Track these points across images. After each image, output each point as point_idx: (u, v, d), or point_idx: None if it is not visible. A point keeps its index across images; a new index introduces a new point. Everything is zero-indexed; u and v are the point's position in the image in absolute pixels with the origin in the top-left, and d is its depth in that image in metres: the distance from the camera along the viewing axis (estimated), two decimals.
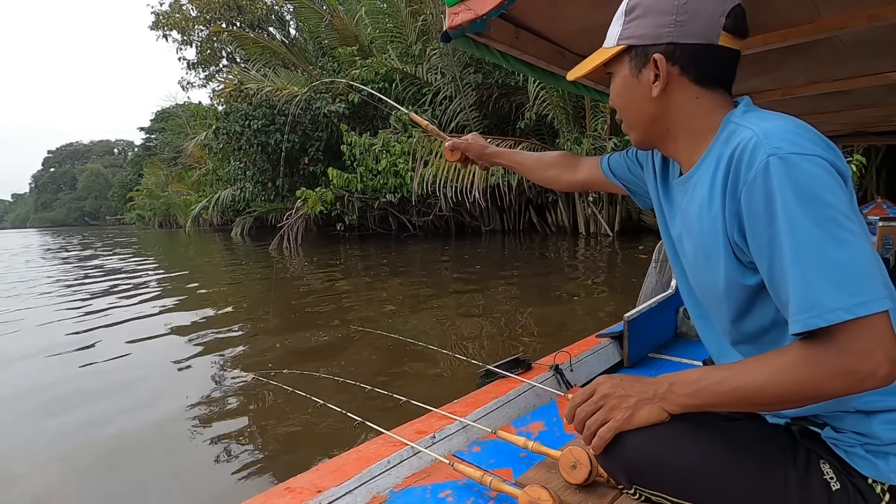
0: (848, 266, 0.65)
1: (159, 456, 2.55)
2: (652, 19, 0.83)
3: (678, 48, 0.82)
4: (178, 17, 25.98)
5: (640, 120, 0.91)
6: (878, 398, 0.76)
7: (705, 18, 0.80)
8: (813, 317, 0.66)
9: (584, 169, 1.31)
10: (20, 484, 2.34)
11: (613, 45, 0.89)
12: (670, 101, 0.86)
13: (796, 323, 0.68)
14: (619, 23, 0.88)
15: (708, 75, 0.84)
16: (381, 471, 1.22)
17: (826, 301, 0.65)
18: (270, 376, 3.12)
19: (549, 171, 1.39)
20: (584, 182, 1.32)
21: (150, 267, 11.61)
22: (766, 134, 0.72)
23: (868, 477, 0.77)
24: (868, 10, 1.22)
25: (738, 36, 0.83)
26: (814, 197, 0.67)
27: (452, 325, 4.83)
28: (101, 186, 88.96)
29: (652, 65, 0.84)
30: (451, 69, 13.37)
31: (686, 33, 0.81)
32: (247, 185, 17.47)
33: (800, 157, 0.68)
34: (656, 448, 0.83)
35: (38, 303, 7.07)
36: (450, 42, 1.35)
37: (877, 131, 3.31)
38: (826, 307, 0.65)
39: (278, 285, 7.94)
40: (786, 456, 0.80)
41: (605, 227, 12.79)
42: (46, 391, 3.47)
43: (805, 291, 0.67)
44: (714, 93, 0.85)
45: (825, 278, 0.65)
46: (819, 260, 0.66)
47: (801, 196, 0.67)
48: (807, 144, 0.69)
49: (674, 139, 0.90)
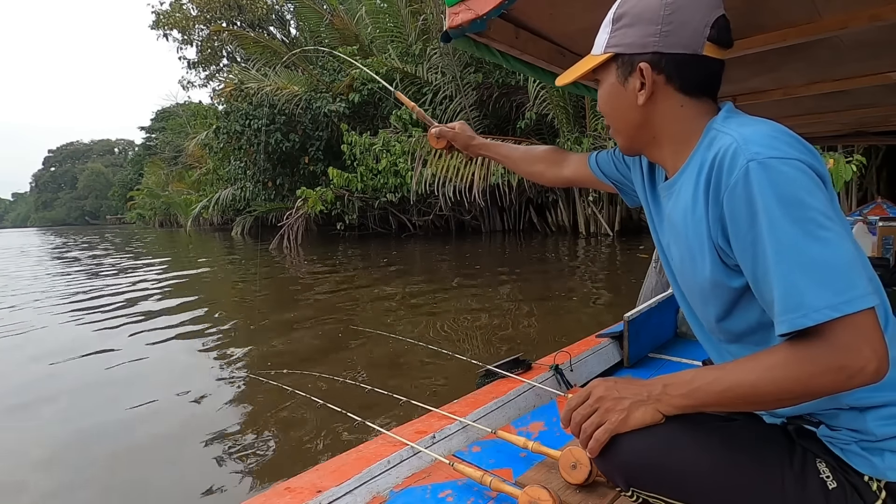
0: (831, 264, 0.66)
1: (159, 455, 2.55)
2: (638, 29, 0.85)
3: (663, 57, 0.84)
4: (178, 16, 25.97)
5: (625, 126, 0.93)
6: (869, 394, 0.77)
7: (690, 29, 0.82)
8: (799, 317, 0.67)
9: (572, 165, 1.31)
10: (16, 488, 2.34)
11: (601, 53, 0.90)
12: (655, 109, 0.88)
13: (782, 323, 0.69)
14: (606, 31, 0.90)
15: (693, 84, 0.86)
16: (381, 471, 1.22)
17: (811, 300, 0.66)
18: (270, 376, 3.12)
19: (536, 166, 1.38)
20: (571, 178, 1.32)
21: (150, 266, 11.61)
22: (745, 140, 0.73)
23: (864, 474, 0.77)
24: (868, 10, 1.21)
25: (722, 46, 0.85)
26: (793, 199, 0.68)
27: (452, 324, 4.83)
28: (102, 186, 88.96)
29: (638, 73, 0.86)
30: (451, 68, 13.37)
31: (671, 43, 0.83)
32: (247, 185, 17.47)
33: (778, 160, 0.70)
34: (653, 450, 0.83)
35: (37, 303, 7.08)
36: (450, 42, 1.35)
37: (877, 131, 3.30)
38: (812, 306, 0.66)
39: (278, 285, 7.94)
40: (782, 456, 0.81)
41: (606, 227, 12.79)
42: (46, 390, 3.48)
43: (789, 292, 0.68)
44: (698, 101, 0.87)
45: (809, 277, 0.67)
46: (802, 260, 0.67)
47: (780, 199, 0.68)
48: (785, 148, 0.71)
49: (659, 146, 0.92)
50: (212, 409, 3.02)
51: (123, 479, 2.35)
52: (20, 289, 8.65)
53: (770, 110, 2.49)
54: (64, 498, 2.25)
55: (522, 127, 12.75)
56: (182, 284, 8.54)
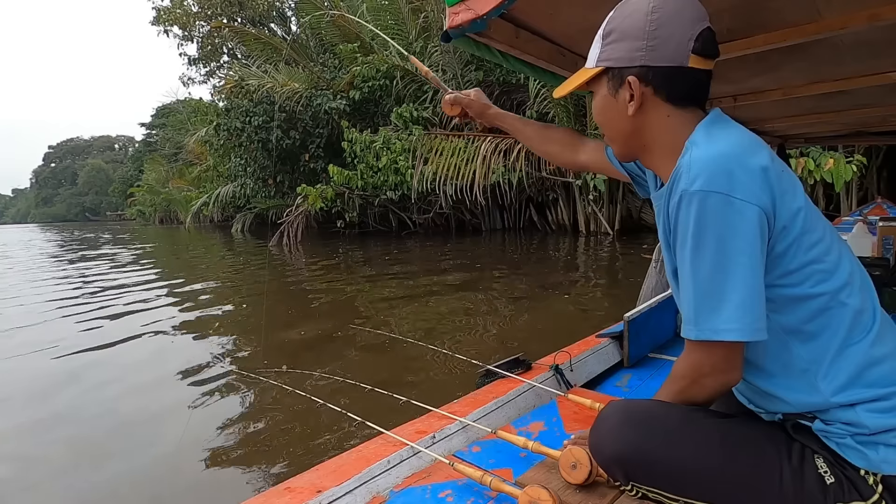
0: (724, 297, 0.78)
1: (158, 455, 2.55)
2: (626, 44, 0.89)
3: (650, 70, 0.88)
4: (179, 12, 25.87)
5: (618, 135, 0.97)
6: (860, 391, 0.80)
7: (674, 43, 0.86)
8: (689, 330, 0.83)
9: (588, 151, 1.32)
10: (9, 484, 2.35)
11: (593, 67, 0.94)
12: (645, 119, 0.92)
13: (682, 330, 0.85)
14: (597, 45, 0.94)
15: (679, 95, 0.89)
16: (381, 471, 1.22)
17: (702, 321, 0.81)
18: (270, 376, 3.12)
19: (551, 146, 1.38)
20: (586, 163, 1.33)
21: (150, 265, 11.61)
22: (692, 163, 0.80)
23: (860, 468, 0.79)
24: (868, 10, 1.21)
25: (707, 57, 0.88)
26: (710, 233, 0.78)
27: (452, 324, 4.83)
28: (102, 182, 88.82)
29: (627, 86, 0.90)
30: (452, 67, 13.35)
31: (657, 57, 0.87)
32: (247, 182, 17.44)
33: (706, 194, 0.77)
34: (652, 444, 0.85)
35: (35, 300, 7.08)
36: (450, 42, 1.34)
37: (877, 131, 3.30)
38: (700, 326, 0.81)
39: (277, 285, 7.94)
40: (780, 451, 0.83)
41: (606, 226, 12.78)
42: (43, 388, 3.48)
43: (688, 308, 0.83)
44: (685, 110, 0.90)
45: (701, 302, 0.81)
46: (705, 288, 0.80)
47: (700, 230, 0.78)
48: (719, 181, 0.77)
49: (650, 153, 0.96)
50: (210, 408, 3.02)
51: (123, 479, 2.35)
52: (17, 284, 8.66)
53: (770, 110, 2.49)
54: (61, 496, 2.25)
55: None
56: (182, 283, 8.54)
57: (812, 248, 0.80)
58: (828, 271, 0.81)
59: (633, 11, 0.88)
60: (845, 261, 0.84)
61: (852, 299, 0.81)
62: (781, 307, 0.82)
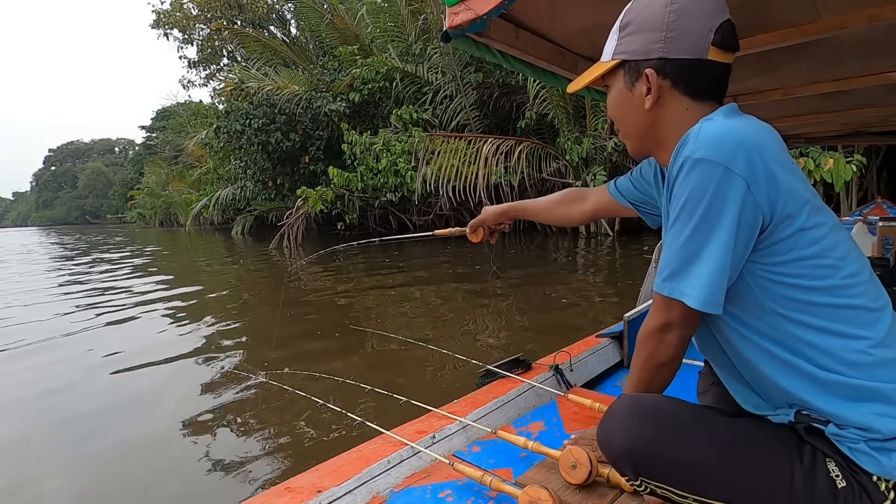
0: (698, 263, 0.80)
1: (159, 455, 2.55)
2: (643, 36, 0.87)
3: (668, 63, 0.86)
4: (178, 15, 25.95)
5: (634, 130, 0.96)
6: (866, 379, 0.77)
7: (694, 35, 0.84)
8: (663, 286, 0.84)
9: (592, 198, 1.36)
10: (20, 489, 2.35)
11: (609, 60, 0.93)
12: (662, 113, 0.90)
13: (655, 284, 0.86)
14: (614, 38, 0.93)
15: (698, 88, 0.88)
16: (381, 471, 1.22)
17: (676, 280, 0.82)
18: (270, 376, 3.12)
19: (558, 210, 1.44)
20: (595, 210, 1.37)
21: (151, 265, 11.61)
22: (701, 133, 0.79)
23: (873, 474, 0.77)
24: (868, 10, 1.22)
25: (727, 50, 0.86)
26: (703, 200, 0.78)
27: (453, 324, 4.82)
28: (102, 185, 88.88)
29: (644, 79, 0.88)
30: (451, 68, 13.36)
31: (675, 49, 0.85)
32: (247, 184, 17.46)
33: (709, 163, 0.77)
34: (662, 440, 0.84)
35: (34, 300, 7.08)
36: (450, 42, 1.35)
37: (877, 131, 3.30)
38: (673, 285, 0.82)
39: (277, 284, 7.94)
40: (791, 453, 0.81)
41: (606, 227, 12.78)
42: (44, 389, 3.48)
43: (665, 264, 0.84)
44: (704, 104, 0.88)
45: (682, 265, 0.82)
46: (687, 250, 0.81)
47: (694, 196, 0.79)
48: (724, 154, 0.76)
49: (666, 149, 0.93)
50: (211, 408, 3.02)
51: (122, 479, 2.35)
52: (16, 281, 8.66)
53: (770, 110, 2.49)
54: (63, 497, 2.24)
55: (522, 126, 12.74)
56: (182, 284, 8.54)
57: (816, 242, 0.79)
58: (832, 267, 0.79)
59: (651, 2, 0.87)
60: (852, 259, 0.81)
61: (859, 299, 0.79)
62: (781, 301, 0.80)
